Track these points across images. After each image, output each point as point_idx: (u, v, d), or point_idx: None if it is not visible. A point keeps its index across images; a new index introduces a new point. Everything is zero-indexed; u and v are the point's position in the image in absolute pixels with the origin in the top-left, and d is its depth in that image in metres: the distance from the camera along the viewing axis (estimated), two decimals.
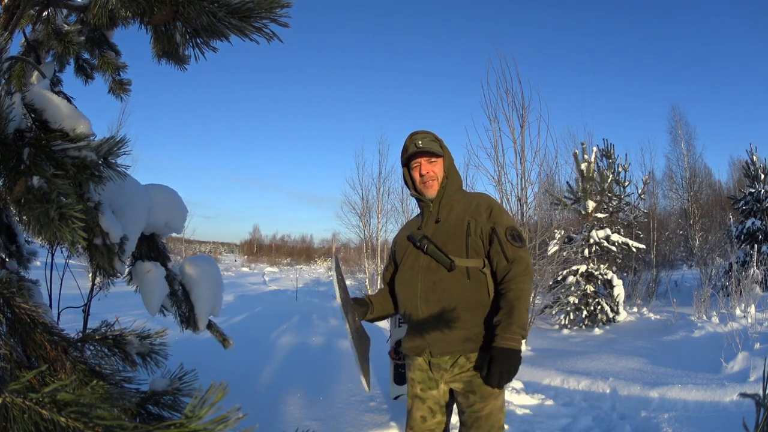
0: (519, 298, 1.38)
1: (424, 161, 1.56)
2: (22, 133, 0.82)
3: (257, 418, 2.72)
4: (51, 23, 1.39)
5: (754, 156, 8.99)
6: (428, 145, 1.55)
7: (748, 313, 5.29)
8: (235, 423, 0.48)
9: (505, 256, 1.43)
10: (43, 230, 0.75)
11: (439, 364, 1.47)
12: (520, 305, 1.38)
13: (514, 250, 1.44)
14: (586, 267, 7.11)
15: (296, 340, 5.35)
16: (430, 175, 1.56)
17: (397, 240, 1.67)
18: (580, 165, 7.57)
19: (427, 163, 1.57)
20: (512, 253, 1.43)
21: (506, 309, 1.38)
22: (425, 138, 1.57)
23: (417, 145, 1.55)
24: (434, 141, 1.58)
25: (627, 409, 3.25)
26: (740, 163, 13.25)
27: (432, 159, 1.57)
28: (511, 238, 1.45)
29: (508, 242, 1.44)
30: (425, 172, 1.56)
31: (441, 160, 1.58)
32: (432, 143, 1.57)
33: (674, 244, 12.89)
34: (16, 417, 0.55)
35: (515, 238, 1.46)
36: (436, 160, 1.57)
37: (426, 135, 1.58)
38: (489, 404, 1.42)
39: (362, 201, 12.99)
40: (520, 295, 1.39)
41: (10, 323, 0.86)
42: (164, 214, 1.20)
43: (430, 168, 1.56)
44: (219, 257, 35.91)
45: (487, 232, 1.47)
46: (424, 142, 1.56)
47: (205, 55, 1.08)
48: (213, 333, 1.37)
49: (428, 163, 1.57)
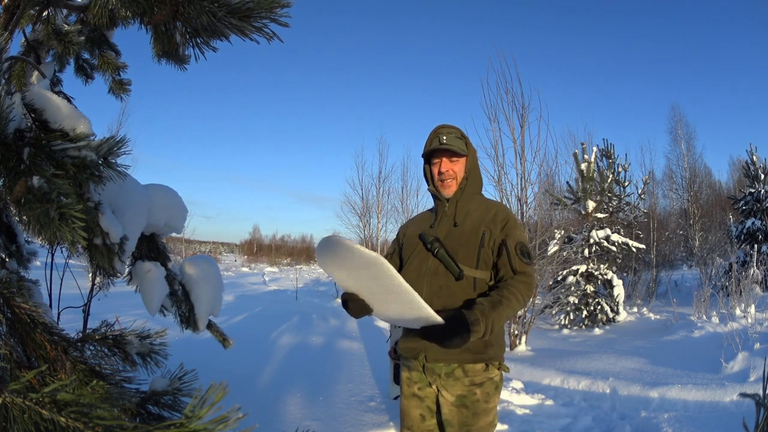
0: (509, 300, 1.32)
1: (446, 159, 1.50)
2: (22, 133, 0.82)
3: (257, 418, 2.72)
4: (51, 23, 1.39)
5: (754, 156, 9.00)
6: (452, 142, 1.49)
7: (748, 313, 5.30)
8: (235, 423, 0.48)
9: (512, 267, 1.39)
10: (43, 230, 0.75)
11: (433, 369, 1.45)
12: (505, 309, 1.31)
13: (522, 265, 1.40)
14: (586, 267, 7.11)
15: (296, 340, 5.35)
16: (449, 174, 1.50)
17: (407, 234, 1.60)
18: (580, 165, 7.57)
19: (449, 162, 1.50)
20: (520, 267, 1.39)
21: (494, 300, 1.31)
22: (450, 134, 1.50)
23: (441, 141, 1.48)
24: (459, 138, 1.52)
25: (627, 409, 3.25)
26: (740, 163, 13.25)
27: (454, 158, 1.51)
28: (521, 254, 1.41)
29: (517, 256, 1.40)
30: (444, 170, 1.50)
31: (464, 159, 1.52)
32: (457, 140, 1.50)
33: (674, 244, 12.89)
34: (16, 417, 0.55)
35: (524, 254, 1.42)
36: (458, 160, 1.51)
37: (452, 131, 1.52)
38: (480, 420, 1.40)
39: (362, 201, 13.01)
40: (511, 299, 1.33)
41: (10, 323, 0.86)
42: (164, 214, 1.20)
43: (450, 167, 1.50)
44: (219, 257, 35.91)
45: (497, 244, 1.43)
46: (448, 139, 1.49)
47: (205, 55, 1.08)
48: (213, 333, 1.37)
49: (449, 161, 1.50)
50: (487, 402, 1.41)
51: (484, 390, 1.41)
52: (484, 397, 1.41)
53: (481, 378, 1.41)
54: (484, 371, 1.42)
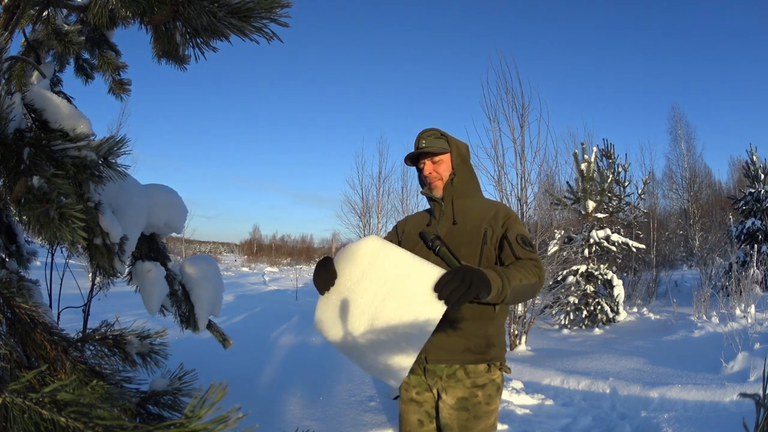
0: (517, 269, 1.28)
1: (428, 161, 1.54)
2: (22, 132, 0.82)
3: (257, 418, 2.72)
4: (51, 23, 1.39)
5: (754, 156, 9.00)
6: (431, 143, 1.53)
7: (748, 313, 5.30)
8: (235, 423, 0.48)
9: (515, 256, 1.39)
10: (43, 230, 0.75)
11: (434, 371, 1.44)
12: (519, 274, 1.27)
13: (525, 252, 1.39)
14: (586, 267, 7.11)
15: (296, 340, 5.35)
16: (433, 176, 1.54)
17: (406, 231, 1.61)
18: (580, 165, 7.57)
19: (431, 163, 1.54)
20: (524, 255, 1.39)
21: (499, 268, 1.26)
22: (430, 137, 1.54)
23: (419, 146, 1.53)
24: (439, 138, 1.55)
25: (627, 409, 3.25)
26: (740, 163, 13.27)
27: (435, 158, 1.53)
28: (522, 243, 1.41)
29: (519, 245, 1.40)
30: (428, 173, 1.54)
31: (447, 156, 1.54)
32: (436, 141, 1.53)
33: (674, 244, 12.90)
34: (16, 417, 0.55)
35: (526, 243, 1.42)
36: (439, 159, 1.53)
37: (432, 133, 1.55)
38: (481, 423, 1.39)
39: (362, 201, 13.02)
40: (520, 268, 1.29)
41: (10, 323, 0.86)
42: (164, 214, 1.20)
43: (432, 168, 1.54)
44: (219, 257, 35.89)
45: (498, 238, 1.44)
46: (427, 141, 1.53)
47: (205, 55, 1.07)
48: (213, 333, 1.37)
49: (431, 162, 1.54)
50: (488, 404, 1.40)
51: (486, 392, 1.40)
52: (486, 399, 1.40)
53: (483, 379, 1.40)
54: (487, 372, 1.41)
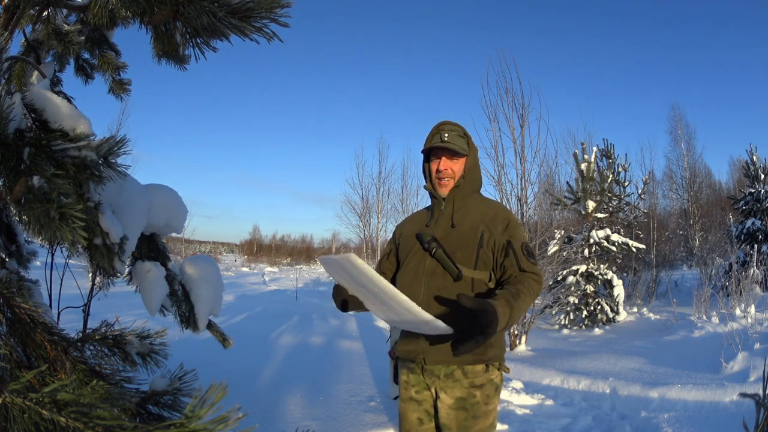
0: (525, 294, 1.31)
1: (445, 158, 1.48)
2: (22, 133, 0.82)
3: (257, 418, 2.73)
4: (51, 23, 1.39)
5: (754, 156, 9.00)
6: (454, 140, 1.46)
7: (748, 313, 5.29)
8: (235, 423, 0.48)
9: (520, 268, 1.40)
10: (43, 230, 0.75)
11: (432, 371, 1.43)
12: (523, 301, 1.30)
13: (529, 265, 1.40)
14: (586, 267, 7.11)
15: (296, 340, 5.35)
16: (447, 173, 1.48)
17: (403, 234, 1.59)
18: (580, 165, 7.57)
19: (448, 160, 1.48)
20: (528, 267, 1.40)
21: (512, 292, 1.28)
22: (453, 132, 1.47)
23: (442, 138, 1.46)
24: (462, 137, 1.49)
25: (627, 409, 3.25)
26: (740, 163, 13.28)
27: (454, 157, 1.48)
28: (527, 254, 1.41)
29: (524, 257, 1.40)
30: (443, 168, 1.48)
31: (464, 159, 1.50)
32: (458, 139, 1.48)
33: (674, 244, 12.89)
34: (16, 417, 0.55)
35: (530, 254, 1.43)
36: (458, 159, 1.49)
37: (455, 128, 1.49)
38: (479, 423, 1.38)
39: (362, 201, 13.03)
40: (527, 292, 1.32)
41: (10, 323, 0.86)
42: (164, 214, 1.20)
43: (449, 165, 1.48)
44: (219, 257, 35.89)
45: (502, 245, 1.42)
46: (450, 137, 1.46)
47: (205, 55, 1.08)
48: (213, 333, 1.37)
49: (449, 160, 1.48)
50: (486, 404, 1.40)
51: (484, 392, 1.40)
52: (484, 399, 1.40)
53: (481, 379, 1.40)
54: (485, 372, 1.40)
